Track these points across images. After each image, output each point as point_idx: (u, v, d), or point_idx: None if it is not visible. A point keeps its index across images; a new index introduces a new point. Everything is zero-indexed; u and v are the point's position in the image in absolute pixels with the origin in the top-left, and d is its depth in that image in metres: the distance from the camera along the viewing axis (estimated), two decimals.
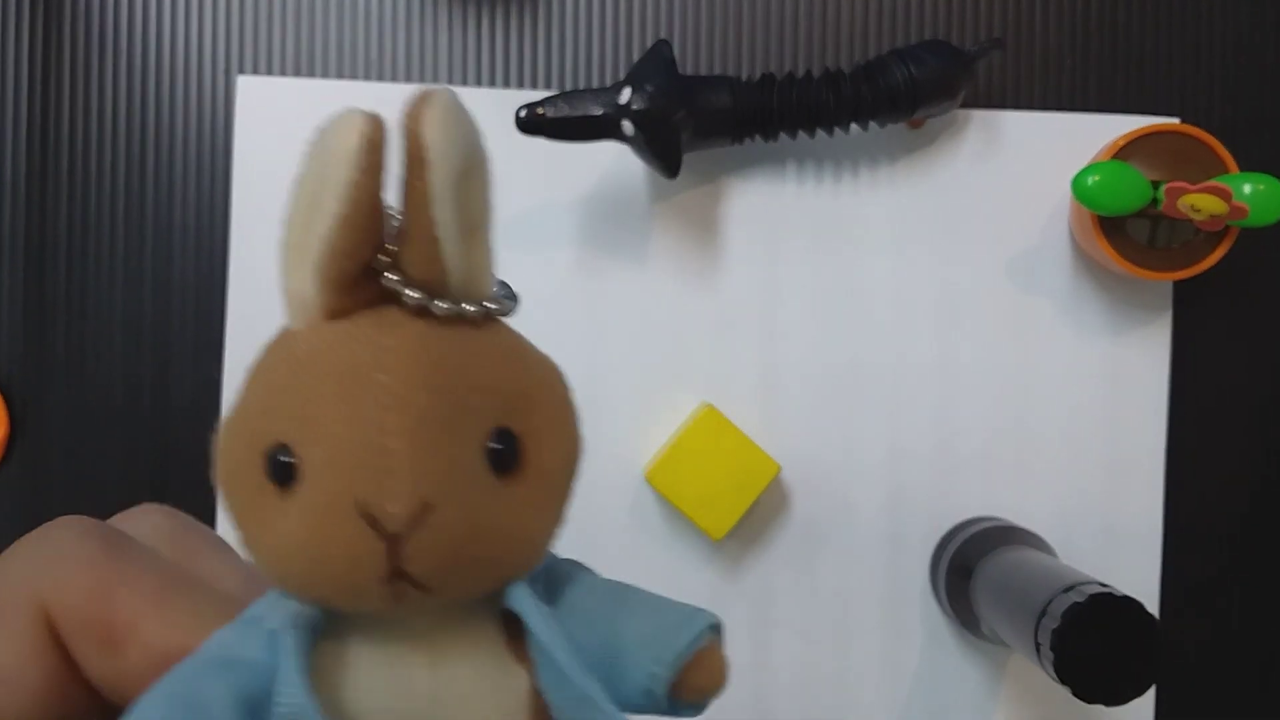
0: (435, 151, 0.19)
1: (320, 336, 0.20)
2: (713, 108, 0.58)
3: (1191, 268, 0.59)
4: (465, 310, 0.20)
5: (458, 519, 0.19)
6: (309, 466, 0.19)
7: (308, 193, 0.20)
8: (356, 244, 0.20)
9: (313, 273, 0.20)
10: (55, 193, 0.63)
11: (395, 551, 0.19)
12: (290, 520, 0.19)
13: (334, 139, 0.19)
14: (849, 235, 0.63)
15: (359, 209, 0.19)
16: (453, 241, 0.20)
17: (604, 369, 0.63)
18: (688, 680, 0.20)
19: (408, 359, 0.19)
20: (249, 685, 0.19)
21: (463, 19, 0.64)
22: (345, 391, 0.19)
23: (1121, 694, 0.46)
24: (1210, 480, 0.64)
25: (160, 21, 0.63)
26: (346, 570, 0.19)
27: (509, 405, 0.20)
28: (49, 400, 0.63)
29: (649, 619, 0.21)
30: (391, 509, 0.18)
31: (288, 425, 0.19)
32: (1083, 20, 0.64)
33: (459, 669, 0.20)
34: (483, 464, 0.19)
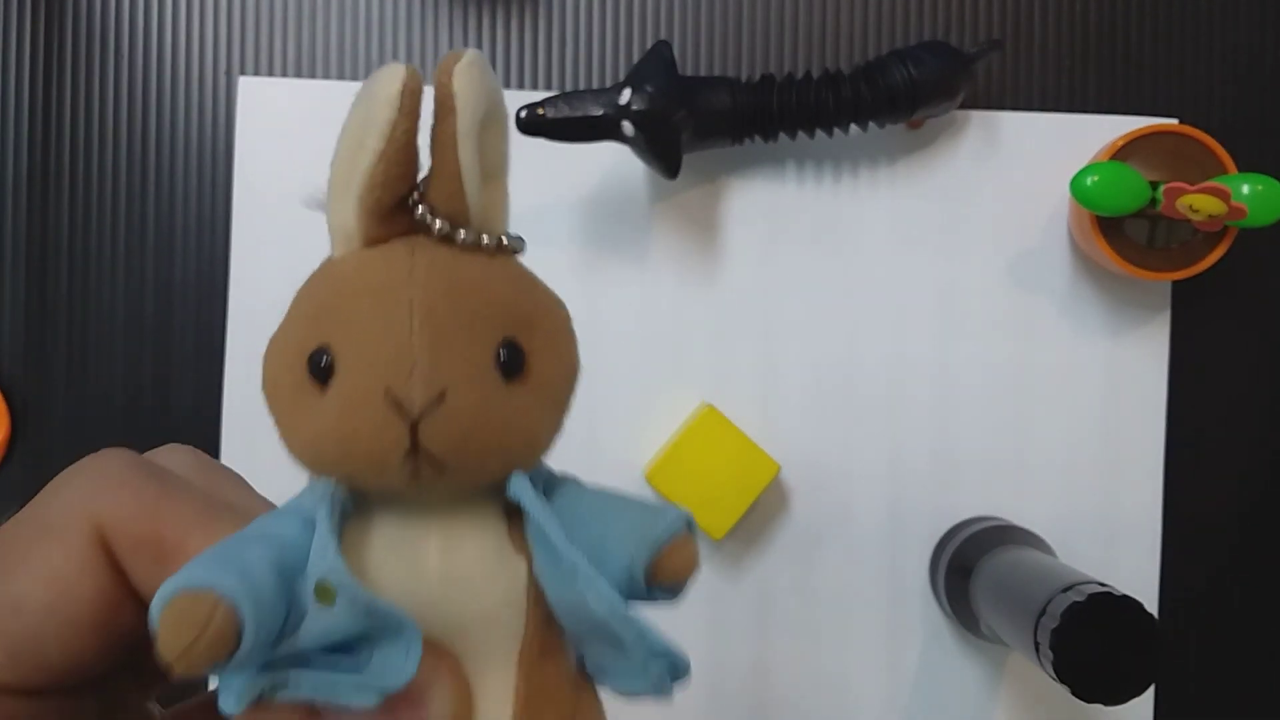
0: (461, 99, 0.23)
1: (359, 259, 0.23)
2: (713, 108, 0.58)
3: (1190, 268, 0.59)
4: (482, 241, 0.24)
5: (469, 407, 0.22)
6: (345, 363, 0.22)
7: (353, 134, 0.23)
8: (393, 177, 0.23)
9: (355, 204, 0.23)
10: (57, 194, 0.63)
11: (416, 431, 0.22)
12: (328, 409, 0.22)
13: (378, 86, 0.23)
14: (849, 235, 0.64)
15: (396, 146, 0.22)
16: (474, 180, 0.23)
17: (604, 369, 0.63)
18: (663, 564, 0.23)
19: (433, 275, 0.23)
20: (285, 556, 0.22)
21: (463, 20, 0.64)
22: (379, 301, 0.22)
23: (1121, 693, 0.46)
24: (1209, 479, 0.64)
25: (161, 23, 0.64)
26: (374, 446, 0.22)
27: (516, 322, 0.23)
28: (50, 401, 0.63)
29: (631, 515, 0.24)
30: (413, 394, 0.22)
31: (329, 330, 0.22)
32: (1082, 21, 0.64)
33: (466, 553, 0.23)
34: (492, 366, 0.23)
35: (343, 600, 0.21)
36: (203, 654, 0.20)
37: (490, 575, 0.23)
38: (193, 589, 0.20)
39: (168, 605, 0.20)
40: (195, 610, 0.20)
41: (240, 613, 0.20)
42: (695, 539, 0.24)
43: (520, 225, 0.68)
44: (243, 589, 0.20)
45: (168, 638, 0.20)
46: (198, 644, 0.20)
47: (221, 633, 0.20)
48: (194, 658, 0.20)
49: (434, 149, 0.23)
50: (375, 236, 0.23)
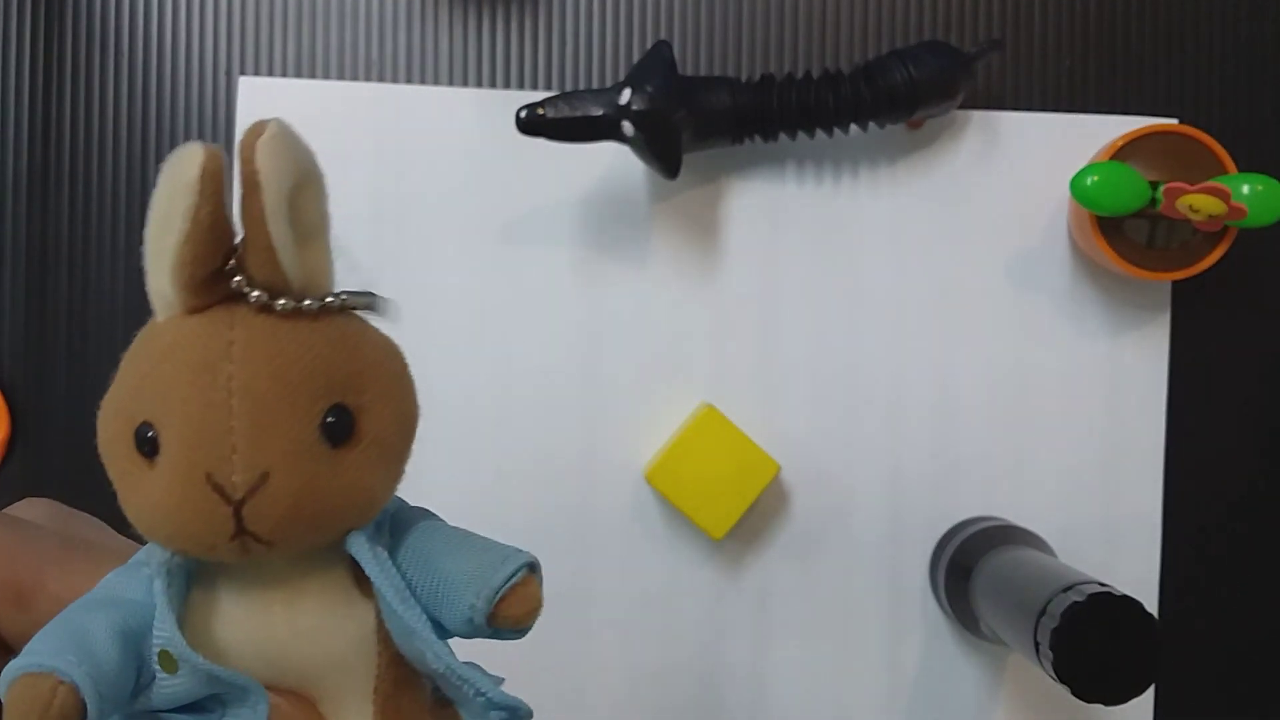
0: (265, 175, 0.23)
1: (179, 330, 0.23)
2: (713, 108, 0.58)
3: (1190, 268, 0.59)
4: (302, 306, 0.24)
5: (293, 485, 0.22)
6: (167, 442, 0.23)
7: (160, 212, 0.23)
8: (202, 255, 0.23)
9: (169, 277, 0.23)
10: (57, 194, 0.63)
11: (239, 513, 0.22)
12: (154, 486, 0.23)
13: (179, 169, 0.23)
14: (848, 235, 0.64)
15: (201, 227, 0.23)
16: (288, 249, 0.23)
17: (604, 369, 0.63)
18: (502, 611, 0.24)
19: (251, 350, 0.23)
20: (129, 620, 0.23)
21: (463, 20, 0.64)
22: (197, 379, 0.23)
23: (1120, 693, 0.46)
24: (1209, 479, 0.64)
25: (162, 23, 0.64)
26: (200, 529, 0.22)
27: (342, 385, 0.24)
28: (50, 401, 0.63)
29: (474, 559, 0.24)
30: (234, 478, 0.22)
31: (151, 407, 0.23)
32: (1082, 21, 0.64)
33: (312, 605, 0.24)
34: (318, 437, 0.23)
35: (185, 668, 0.22)
36: None
37: (337, 624, 0.24)
38: (33, 670, 0.21)
39: (10, 687, 0.21)
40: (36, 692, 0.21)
41: (81, 691, 0.21)
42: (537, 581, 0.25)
43: (520, 225, 0.68)
44: (83, 668, 0.21)
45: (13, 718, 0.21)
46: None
47: (64, 713, 0.21)
48: None
49: (244, 223, 0.23)
50: (194, 305, 0.23)
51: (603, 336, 0.63)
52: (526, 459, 0.62)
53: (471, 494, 0.62)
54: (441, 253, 0.63)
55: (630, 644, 0.63)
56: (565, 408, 0.63)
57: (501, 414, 0.62)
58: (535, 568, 0.25)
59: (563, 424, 0.63)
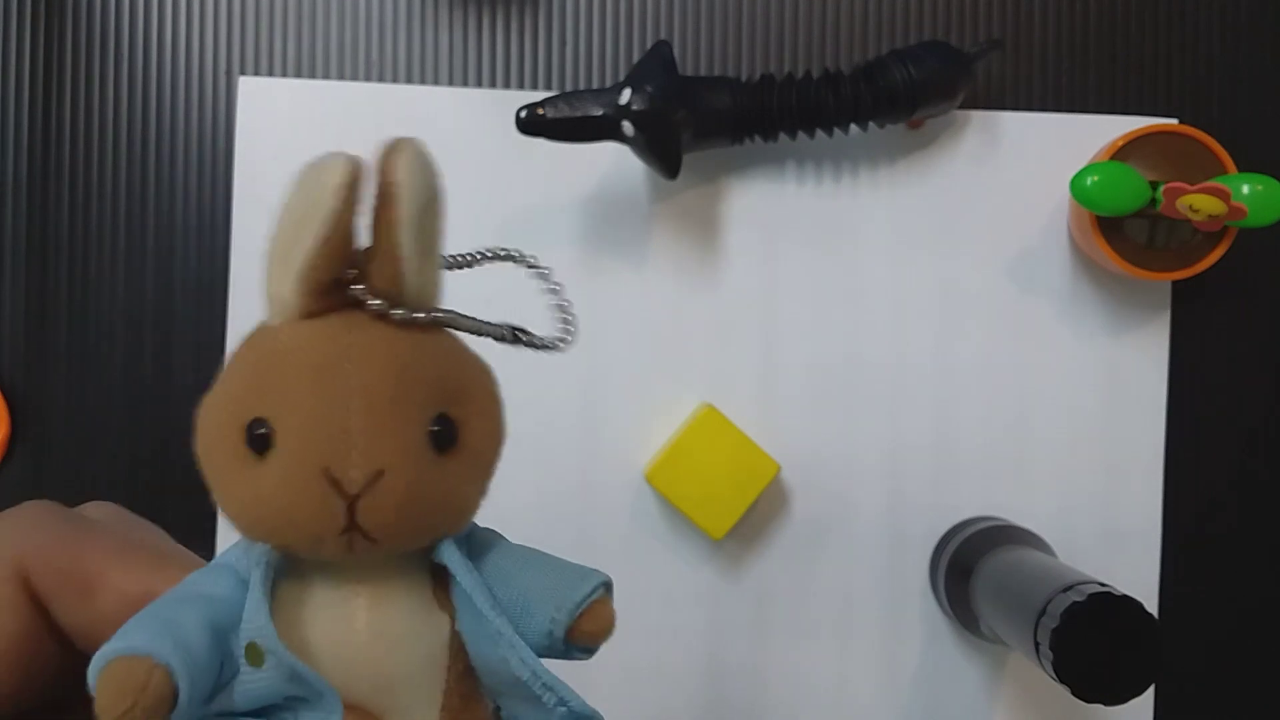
0: (403, 188, 0.24)
1: (298, 332, 0.24)
2: (712, 108, 0.58)
3: (1190, 268, 0.59)
4: (417, 318, 0.24)
5: (404, 485, 0.23)
6: (284, 437, 0.23)
7: (294, 215, 0.24)
8: (333, 261, 0.24)
9: (295, 281, 0.24)
10: (57, 193, 0.63)
11: (352, 509, 0.23)
12: (265, 480, 0.23)
13: (323, 174, 0.23)
14: (848, 235, 0.64)
15: (338, 233, 0.23)
16: (412, 263, 0.24)
17: (604, 369, 0.63)
18: (581, 626, 0.24)
19: (370, 353, 0.23)
20: (218, 615, 0.23)
21: (463, 20, 0.64)
22: (318, 378, 0.23)
23: (1121, 693, 0.46)
24: (1209, 479, 0.64)
25: (162, 23, 0.64)
26: (311, 522, 0.23)
27: (448, 396, 0.24)
28: (50, 400, 0.63)
29: (552, 576, 0.25)
30: (351, 474, 0.23)
31: (268, 403, 0.23)
32: (1081, 21, 0.64)
33: (394, 612, 0.24)
34: (426, 442, 0.24)
35: (271, 662, 0.23)
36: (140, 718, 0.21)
37: (415, 632, 0.24)
38: (129, 654, 0.21)
39: (105, 669, 0.21)
40: (132, 675, 0.21)
41: (175, 676, 0.21)
42: (611, 602, 0.25)
43: (520, 225, 0.68)
44: (177, 653, 0.21)
45: (106, 702, 0.21)
46: (135, 709, 0.21)
47: (159, 696, 0.21)
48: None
49: (375, 232, 0.24)
50: (312, 310, 0.24)
51: (603, 336, 0.63)
52: (527, 459, 0.62)
53: None
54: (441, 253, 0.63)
55: (630, 644, 0.63)
56: (565, 408, 0.63)
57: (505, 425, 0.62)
58: (610, 587, 0.25)
59: (563, 424, 0.63)
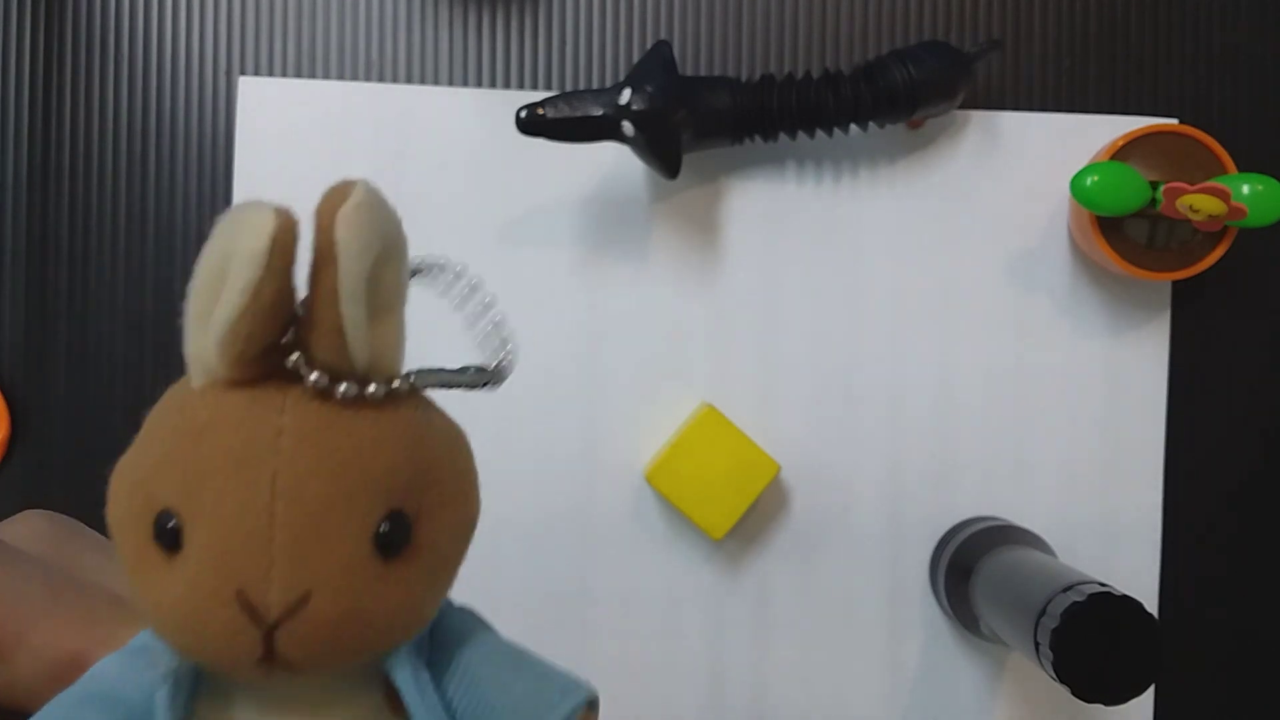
0: (345, 251, 0.19)
1: (219, 406, 0.20)
2: (712, 108, 0.58)
3: (1190, 268, 0.59)
4: (366, 394, 0.20)
5: (335, 607, 0.19)
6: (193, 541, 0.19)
7: (211, 273, 0.20)
8: (258, 333, 0.20)
9: (215, 347, 0.20)
10: (57, 193, 0.63)
11: (271, 637, 0.19)
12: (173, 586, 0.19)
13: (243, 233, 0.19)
14: (848, 235, 0.64)
15: (262, 304, 0.19)
16: (360, 331, 0.20)
17: (604, 369, 0.63)
18: None
19: (303, 444, 0.19)
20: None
21: (463, 20, 0.64)
22: (237, 474, 0.19)
23: (1120, 693, 0.46)
24: (1209, 479, 0.64)
25: (162, 23, 0.64)
26: (222, 649, 0.19)
27: (403, 487, 0.20)
28: (50, 401, 0.63)
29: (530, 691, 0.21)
30: (270, 597, 0.19)
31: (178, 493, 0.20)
32: (1081, 21, 0.64)
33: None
34: (369, 550, 0.20)
35: None
36: None
37: None
38: None
39: None
40: None
41: None
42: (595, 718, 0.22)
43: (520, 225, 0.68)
44: None
45: None
46: None
47: None
48: None
49: (312, 297, 0.20)
50: (240, 380, 0.20)
51: (603, 336, 0.63)
52: (527, 459, 0.62)
53: None
54: (441, 253, 0.63)
55: (630, 644, 0.63)
56: (565, 408, 0.63)
57: (502, 414, 0.62)
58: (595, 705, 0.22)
59: (563, 424, 0.63)
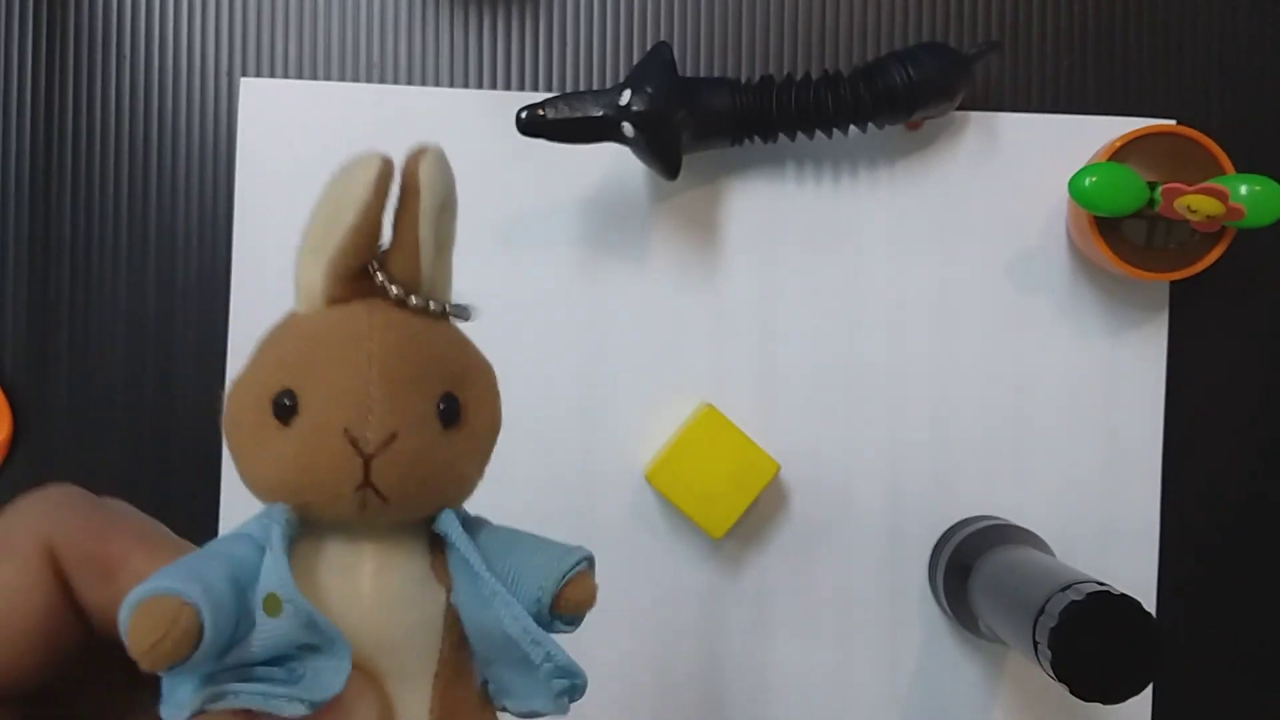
0: (425, 186, 0.27)
1: (325, 316, 0.27)
2: (712, 109, 0.58)
3: (1188, 268, 0.59)
4: (430, 307, 0.27)
5: (414, 449, 0.26)
6: (308, 403, 0.25)
7: (329, 207, 0.26)
8: (361, 247, 0.26)
9: (325, 267, 0.26)
10: (59, 194, 0.63)
11: (367, 467, 0.25)
12: (290, 443, 0.25)
13: (358, 170, 0.26)
14: (848, 236, 0.64)
15: (368, 222, 0.26)
16: (429, 255, 0.27)
17: (604, 369, 0.63)
18: (566, 595, 0.27)
19: (388, 333, 0.26)
20: (239, 572, 0.24)
21: (464, 21, 0.64)
22: (343, 352, 0.26)
23: (1119, 692, 0.46)
24: (1207, 479, 0.64)
25: (163, 24, 0.64)
26: (330, 477, 0.25)
27: (455, 378, 0.27)
28: (52, 401, 0.63)
29: (541, 551, 0.27)
30: (368, 435, 0.25)
31: (295, 376, 0.26)
32: (1080, 23, 0.64)
33: (395, 577, 0.26)
34: (434, 415, 0.26)
35: (288, 611, 0.24)
36: (168, 650, 0.22)
37: (415, 598, 0.26)
38: (162, 593, 0.23)
39: (138, 607, 0.22)
40: (163, 611, 0.22)
41: (202, 615, 0.23)
42: (593, 576, 0.28)
43: (520, 226, 0.69)
44: (204, 596, 0.23)
45: (137, 635, 0.22)
46: (165, 641, 0.22)
47: (187, 631, 0.22)
48: (160, 653, 0.22)
49: (397, 225, 0.27)
50: (337, 296, 0.27)
51: (603, 336, 0.63)
52: (527, 459, 0.62)
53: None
54: None
55: (630, 644, 0.63)
56: (565, 408, 0.63)
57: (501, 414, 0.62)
58: (592, 562, 0.28)
59: (563, 424, 0.63)
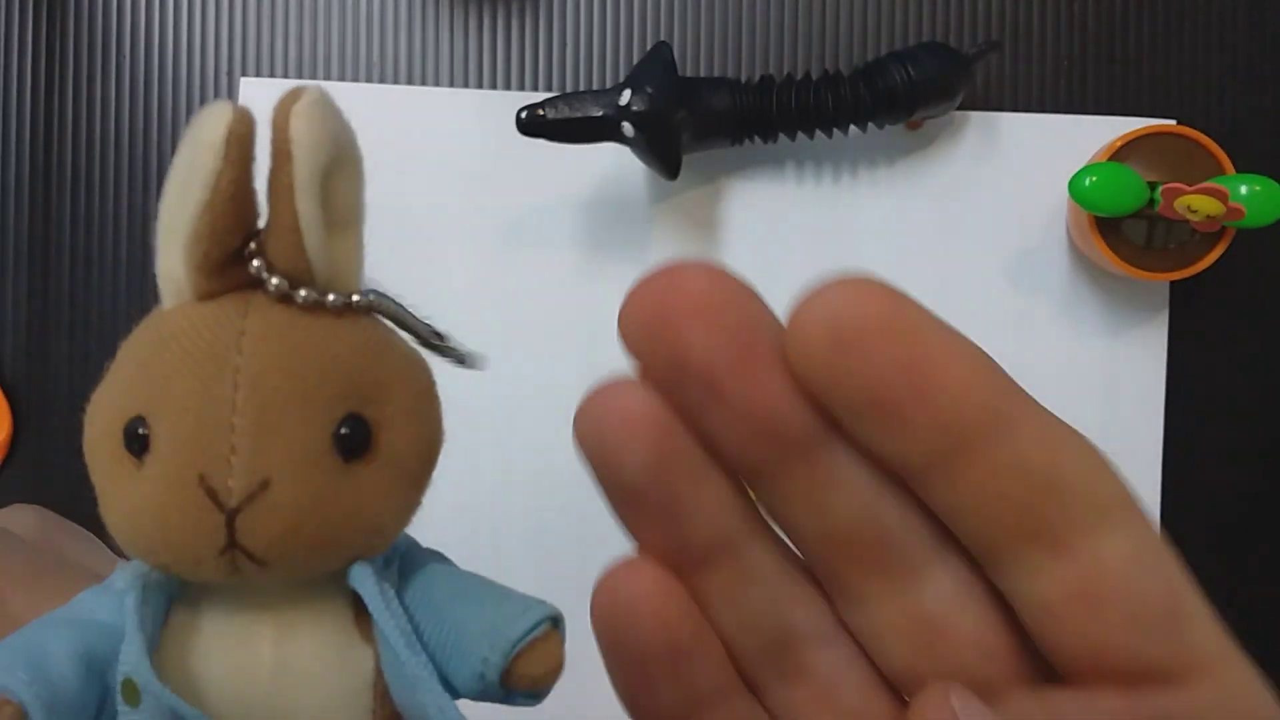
0: (299, 145, 0.21)
1: (185, 316, 0.21)
2: (712, 109, 0.58)
3: (1188, 268, 0.59)
4: (326, 300, 0.21)
5: (295, 497, 0.20)
6: (160, 439, 0.20)
7: (179, 179, 0.21)
8: (221, 230, 0.21)
9: (182, 253, 0.21)
10: (59, 194, 0.63)
11: (233, 524, 0.19)
12: (140, 488, 0.20)
13: (202, 130, 0.20)
14: (848, 236, 0.64)
15: (222, 196, 0.20)
16: (316, 234, 0.21)
17: (604, 369, 0.63)
18: (518, 668, 0.21)
19: (264, 343, 0.20)
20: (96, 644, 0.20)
21: (464, 21, 0.64)
22: (200, 370, 0.20)
23: None
24: (1207, 480, 0.64)
25: (163, 24, 0.64)
26: (187, 539, 0.20)
27: (363, 393, 0.21)
28: (53, 402, 0.63)
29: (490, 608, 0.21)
30: (230, 483, 0.19)
31: (145, 399, 0.20)
32: (1080, 23, 0.64)
33: (304, 644, 0.21)
34: (329, 448, 0.20)
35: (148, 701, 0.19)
36: None
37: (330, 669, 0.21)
38: None
39: None
40: None
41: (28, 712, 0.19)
42: (560, 638, 0.22)
43: (520, 225, 0.68)
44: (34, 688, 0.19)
45: None
46: None
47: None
48: None
49: (270, 199, 0.21)
50: (207, 290, 0.21)
51: (603, 336, 0.63)
52: (527, 459, 0.62)
53: (472, 494, 0.62)
54: (441, 254, 0.63)
55: None
56: (565, 408, 0.62)
57: (502, 414, 0.62)
58: (558, 622, 0.22)
59: (563, 424, 0.63)
